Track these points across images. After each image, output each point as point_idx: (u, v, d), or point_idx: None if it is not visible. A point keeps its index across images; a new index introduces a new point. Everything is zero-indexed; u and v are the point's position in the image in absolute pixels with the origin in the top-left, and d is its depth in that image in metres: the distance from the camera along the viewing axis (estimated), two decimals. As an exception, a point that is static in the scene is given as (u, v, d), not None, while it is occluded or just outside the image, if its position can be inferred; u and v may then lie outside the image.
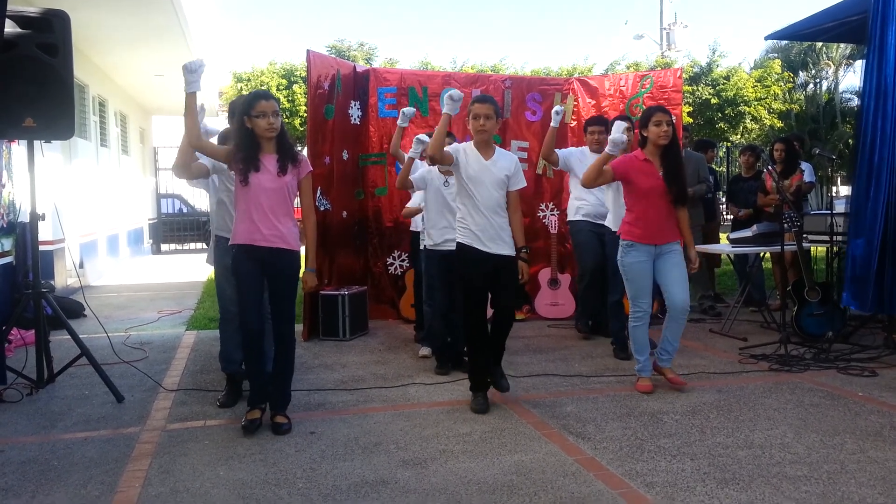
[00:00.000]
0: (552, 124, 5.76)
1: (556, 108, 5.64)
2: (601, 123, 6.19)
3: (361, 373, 5.30)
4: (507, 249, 4.36)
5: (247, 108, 3.92)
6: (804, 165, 7.31)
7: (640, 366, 4.73)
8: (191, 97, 3.85)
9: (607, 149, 4.56)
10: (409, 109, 5.83)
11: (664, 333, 4.71)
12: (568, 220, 6.39)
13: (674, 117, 5.93)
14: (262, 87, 17.21)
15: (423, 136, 5.26)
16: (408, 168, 5.39)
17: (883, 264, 5.23)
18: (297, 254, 4.05)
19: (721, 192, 8.98)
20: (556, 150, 6.00)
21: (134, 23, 9.34)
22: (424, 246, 5.47)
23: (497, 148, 4.49)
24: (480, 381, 4.43)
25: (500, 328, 4.44)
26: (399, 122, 5.78)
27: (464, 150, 4.39)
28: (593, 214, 6.08)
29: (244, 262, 3.95)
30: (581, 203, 6.16)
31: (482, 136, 4.36)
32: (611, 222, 5.65)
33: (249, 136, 3.93)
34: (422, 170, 5.47)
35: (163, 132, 20.09)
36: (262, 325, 4.04)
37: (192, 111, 3.86)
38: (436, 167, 5.33)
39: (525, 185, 4.56)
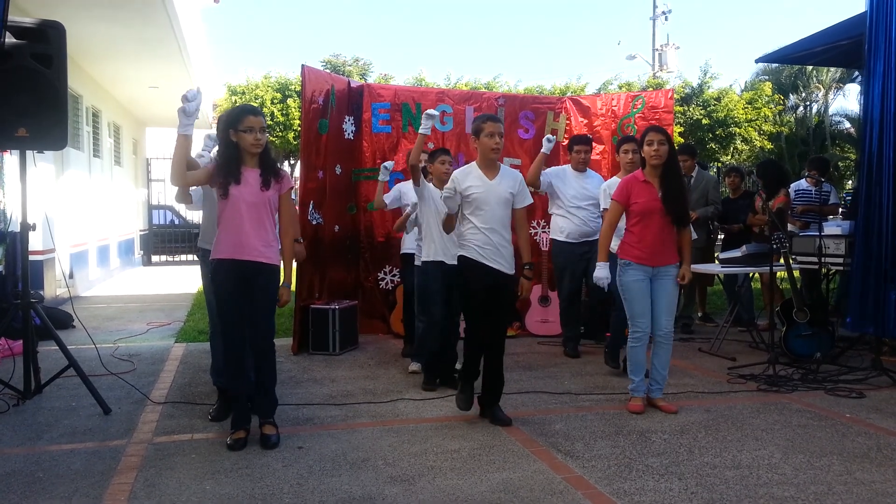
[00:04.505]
0: (543, 150, 5.86)
1: (549, 136, 5.74)
2: (586, 143, 6.27)
3: (350, 388, 5.29)
4: (506, 268, 4.42)
5: (234, 121, 3.91)
6: (827, 187, 7.37)
7: (634, 385, 4.73)
8: (182, 138, 3.83)
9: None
10: (389, 163, 5.93)
11: (653, 362, 4.71)
12: (551, 237, 6.46)
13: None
14: (257, 101, 17.22)
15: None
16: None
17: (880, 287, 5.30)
18: (278, 268, 4.04)
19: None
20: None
21: (129, 35, 9.36)
22: (422, 261, 5.48)
23: (501, 166, 4.52)
24: (472, 372, 4.45)
25: (491, 353, 4.44)
26: (380, 176, 5.87)
27: (462, 177, 4.38)
28: (577, 234, 6.16)
29: (225, 279, 3.93)
30: (564, 223, 6.23)
31: (495, 154, 4.41)
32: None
33: (232, 149, 3.92)
34: (414, 189, 5.47)
35: (156, 143, 20.06)
36: (245, 345, 4.02)
37: (181, 150, 3.84)
38: (427, 186, 5.37)
39: (531, 201, 4.61)
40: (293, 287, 6.59)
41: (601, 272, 4.70)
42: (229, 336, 4.00)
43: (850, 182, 23.63)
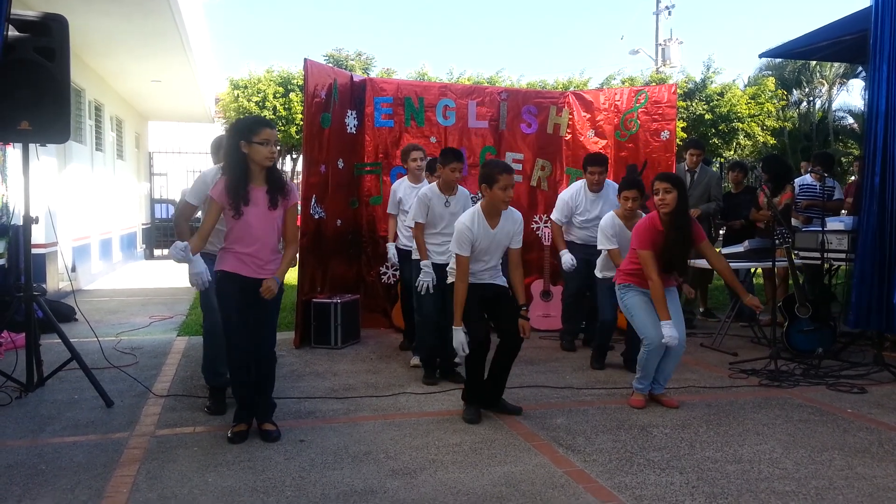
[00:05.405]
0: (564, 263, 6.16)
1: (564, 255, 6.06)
2: (601, 164, 6.20)
3: (352, 381, 5.30)
4: (501, 282, 4.51)
5: (247, 132, 3.76)
6: (832, 183, 7.36)
7: (641, 386, 4.72)
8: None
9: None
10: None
11: (660, 364, 4.68)
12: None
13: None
14: (259, 94, 17.18)
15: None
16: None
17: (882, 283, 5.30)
18: (281, 280, 4.04)
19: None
20: (557, 218, 6.36)
21: (131, 28, 9.35)
22: (415, 258, 5.48)
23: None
24: (475, 393, 4.42)
25: (507, 354, 4.43)
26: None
27: (474, 228, 4.33)
28: (584, 239, 6.28)
29: (231, 290, 3.90)
30: (573, 230, 6.38)
31: (505, 207, 4.38)
32: (597, 271, 5.80)
33: (243, 164, 3.80)
34: (423, 191, 5.44)
35: (158, 137, 20.06)
36: (250, 350, 3.99)
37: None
38: (430, 189, 5.35)
39: (521, 244, 4.57)
40: (295, 281, 6.63)
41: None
42: (234, 345, 3.95)
43: (851, 178, 23.60)
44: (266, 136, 3.78)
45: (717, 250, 7.76)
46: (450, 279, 4.49)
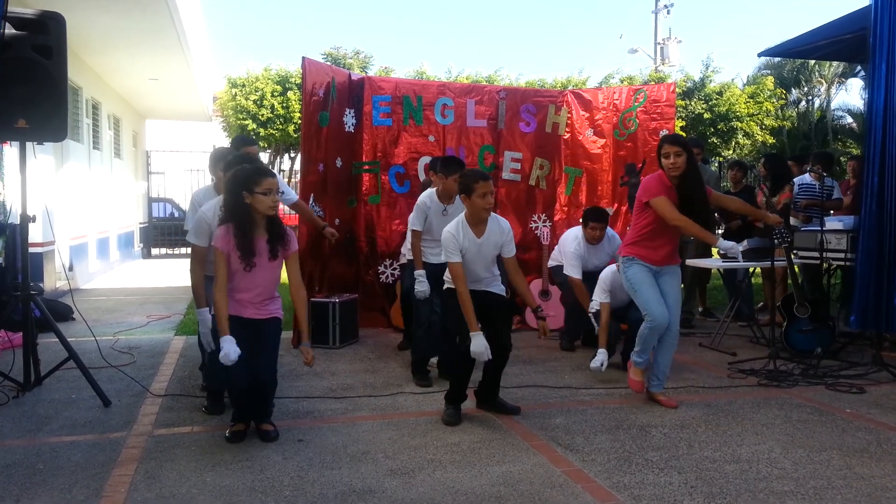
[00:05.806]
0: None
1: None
2: (602, 220, 6.20)
3: (350, 381, 5.29)
4: (497, 290, 4.49)
5: (249, 183, 3.74)
6: (830, 182, 7.35)
7: (640, 360, 4.70)
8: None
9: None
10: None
11: (656, 358, 4.68)
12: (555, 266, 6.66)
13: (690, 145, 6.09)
14: (257, 93, 17.12)
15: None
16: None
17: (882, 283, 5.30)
18: (281, 319, 4.05)
19: None
20: (577, 275, 6.18)
21: (129, 25, 9.33)
22: (406, 259, 5.49)
23: (490, 217, 4.43)
24: (459, 395, 4.41)
25: (500, 356, 4.40)
26: None
27: (460, 237, 4.33)
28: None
29: (230, 330, 3.86)
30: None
31: (487, 214, 4.36)
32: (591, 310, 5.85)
33: (248, 215, 3.78)
34: (422, 198, 5.41)
35: (156, 136, 20.04)
36: (250, 383, 3.93)
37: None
38: (429, 196, 5.34)
39: (514, 252, 4.54)
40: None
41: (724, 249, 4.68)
42: (235, 378, 3.86)
43: (846, 177, 23.64)
44: (268, 186, 3.77)
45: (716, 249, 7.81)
46: (445, 285, 4.47)
